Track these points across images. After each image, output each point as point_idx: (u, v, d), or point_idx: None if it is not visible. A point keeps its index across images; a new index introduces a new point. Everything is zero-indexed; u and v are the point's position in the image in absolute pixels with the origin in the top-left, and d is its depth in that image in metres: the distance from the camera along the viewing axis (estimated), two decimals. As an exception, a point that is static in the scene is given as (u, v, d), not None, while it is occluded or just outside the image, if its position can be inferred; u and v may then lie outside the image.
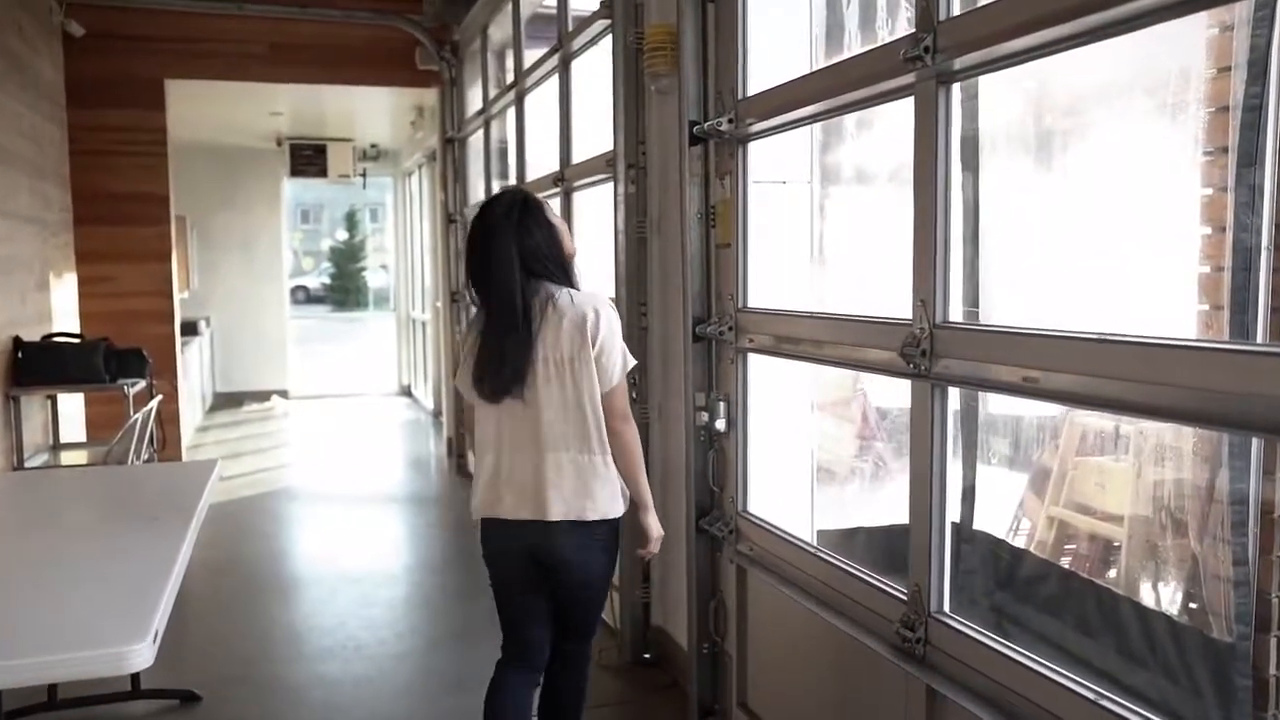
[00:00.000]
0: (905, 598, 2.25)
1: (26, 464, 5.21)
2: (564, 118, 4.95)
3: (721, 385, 3.19)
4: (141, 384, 5.60)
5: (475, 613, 4.70)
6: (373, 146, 11.96)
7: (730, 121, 3.00)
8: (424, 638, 4.46)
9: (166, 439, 5.89)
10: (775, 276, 3.13)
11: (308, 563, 5.60)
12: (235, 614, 4.75)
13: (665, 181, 3.70)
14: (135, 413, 5.05)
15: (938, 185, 2.09)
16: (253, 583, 5.16)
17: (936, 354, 2.11)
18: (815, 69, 2.84)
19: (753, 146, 3.03)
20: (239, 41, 7.68)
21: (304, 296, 32.31)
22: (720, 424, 3.14)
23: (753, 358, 3.07)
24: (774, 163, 3.12)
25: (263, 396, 11.75)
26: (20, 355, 5.15)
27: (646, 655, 3.97)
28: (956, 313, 2.11)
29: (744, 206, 3.04)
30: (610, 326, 2.51)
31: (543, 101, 5.73)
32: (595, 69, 5.10)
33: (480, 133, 7.04)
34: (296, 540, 6.05)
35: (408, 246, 12.51)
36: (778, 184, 3.16)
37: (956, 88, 2.09)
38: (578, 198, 4.95)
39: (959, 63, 2.04)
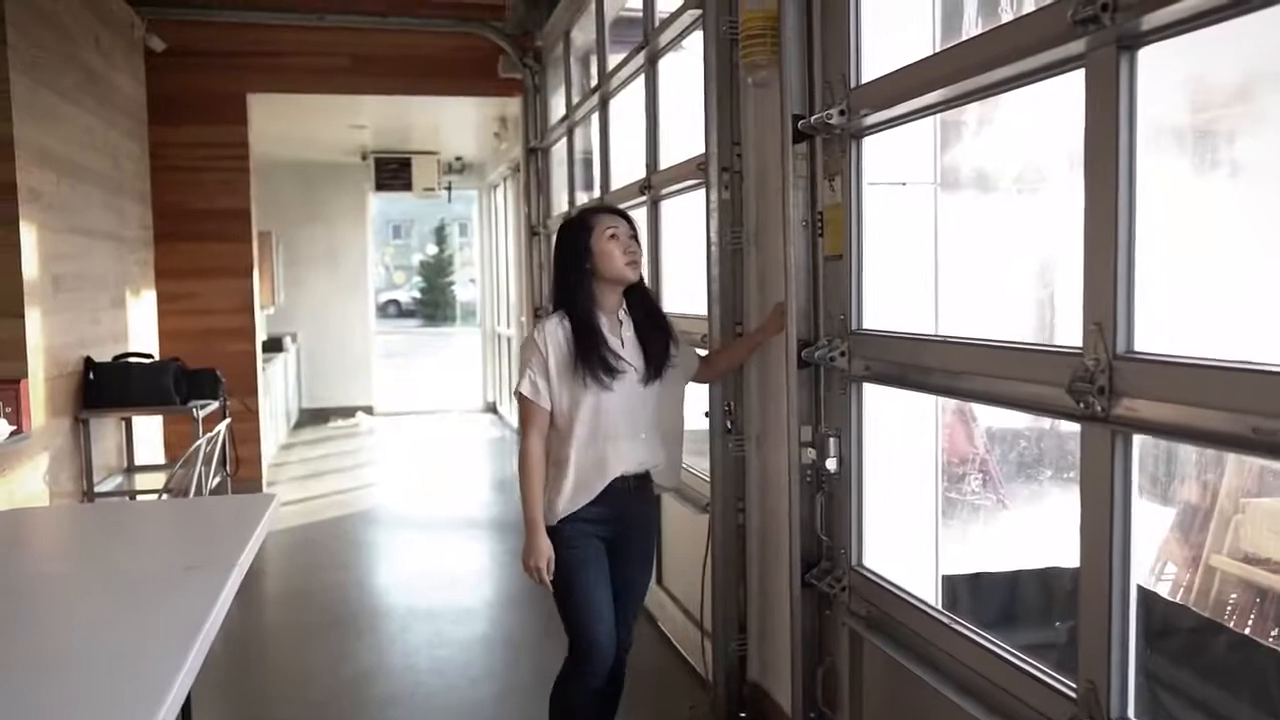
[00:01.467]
0: (1075, 696, 1.81)
1: (97, 488, 5.04)
2: (650, 120, 4.59)
3: (832, 418, 2.77)
4: (214, 405, 5.40)
5: (556, 656, 4.34)
6: (457, 159, 11.80)
7: (841, 113, 2.59)
8: (499, 684, 4.11)
9: (240, 461, 5.69)
10: (894, 293, 2.70)
11: (380, 594, 5.32)
12: (300, 651, 4.48)
13: (764, 186, 3.30)
14: (205, 435, 4.85)
15: (1119, 178, 1.66)
16: (321, 616, 4.89)
17: (1117, 392, 1.67)
18: (951, 44, 2.41)
19: (868, 142, 2.62)
20: (321, 54, 7.53)
21: (395, 311, 32.73)
22: (831, 463, 2.72)
23: (869, 388, 2.64)
24: (890, 162, 2.70)
25: (348, 413, 11.66)
26: (91, 376, 4.98)
27: (743, 715, 3.56)
28: (1146, 340, 1.66)
29: (858, 212, 2.63)
30: (520, 350, 2.86)
31: (628, 106, 5.39)
32: (684, 68, 4.74)
33: (563, 141, 6.73)
34: (370, 569, 5.80)
35: (493, 260, 12.32)
36: (896, 186, 2.74)
37: (1142, 55, 1.65)
38: (666, 206, 4.58)
39: (1148, 21, 1.61)
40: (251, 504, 3.31)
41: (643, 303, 2.82)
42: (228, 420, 4.98)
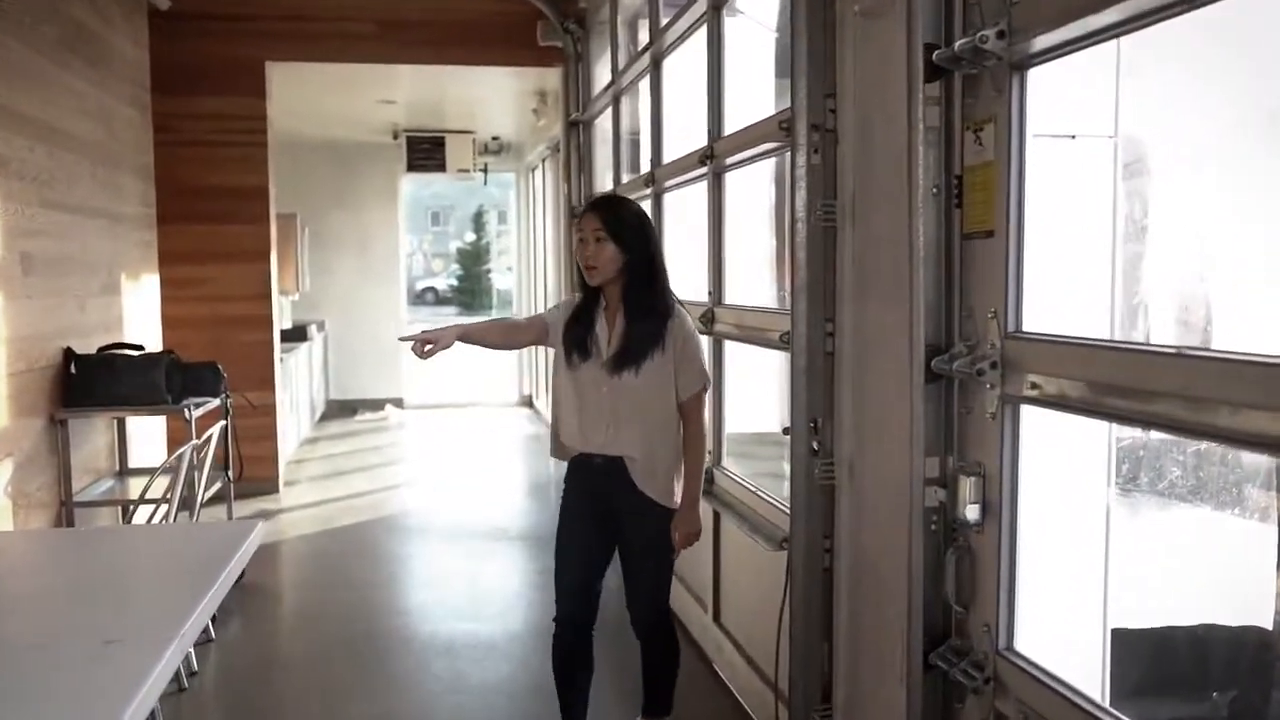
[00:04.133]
0: None
1: (80, 495, 4.45)
2: (713, 78, 3.90)
3: (969, 449, 2.08)
4: (214, 402, 4.80)
5: (596, 703, 3.69)
6: (494, 139, 11.17)
7: (1000, 35, 1.89)
8: (527, 745, 3.47)
9: (246, 461, 5.09)
10: (1059, 284, 2.01)
11: (395, 620, 4.68)
12: (295, 691, 3.88)
13: (866, 147, 2.61)
14: (199, 438, 4.24)
15: None
16: (325, 646, 4.28)
17: None
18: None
19: (1035, 76, 1.92)
20: (344, 20, 6.92)
21: (433, 298, 32.48)
22: (970, 511, 2.03)
23: (1031, 412, 1.95)
24: (1052, 107, 2.00)
25: (376, 405, 11.09)
26: (73, 370, 4.39)
27: (826, 804, 2.88)
28: None
29: (1019, 171, 1.93)
30: None
31: (684, 68, 4.72)
32: (746, 25, 4.07)
33: (609, 112, 6.06)
34: (385, 588, 5.16)
35: (530, 246, 11.68)
36: (1062, 140, 2.04)
37: None
38: (730, 179, 3.90)
39: None
40: (224, 536, 2.67)
41: (639, 301, 2.88)
42: (224, 422, 4.36)
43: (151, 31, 6.04)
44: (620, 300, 2.88)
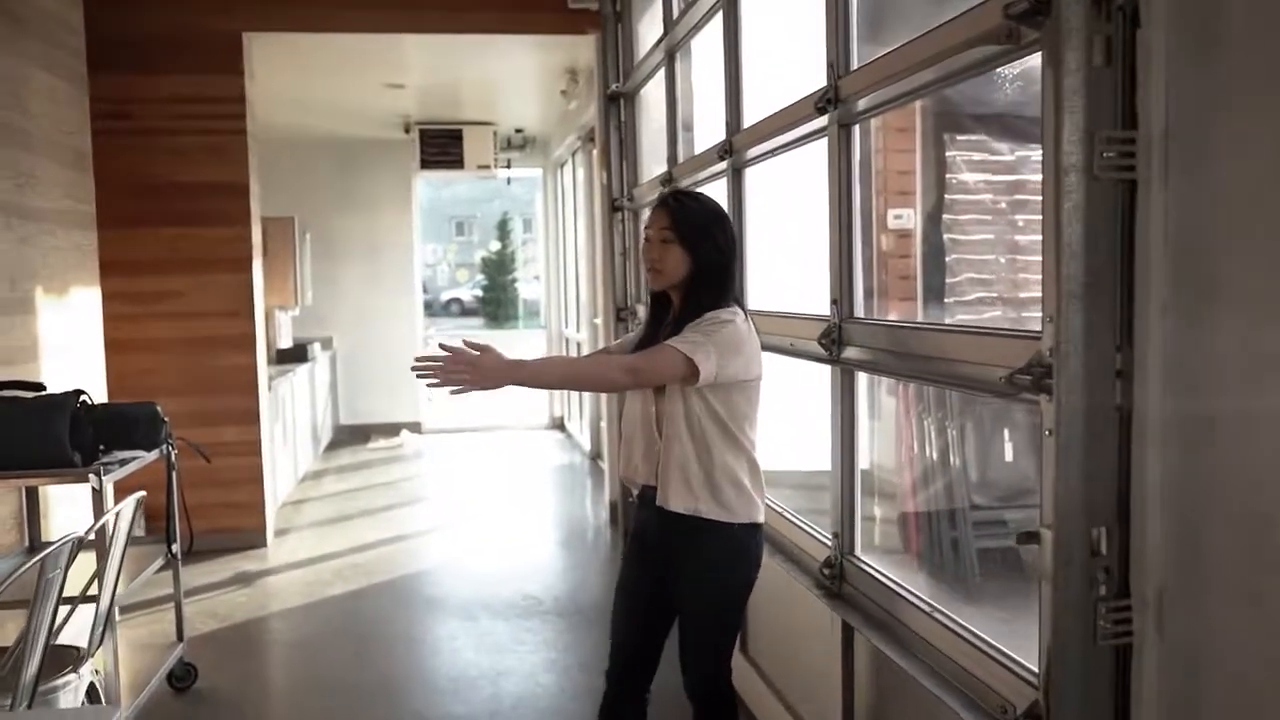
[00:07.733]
0: None
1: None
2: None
3: None
4: (149, 457, 3.61)
5: None
6: (517, 131, 9.98)
7: None
8: None
9: (194, 532, 3.89)
10: None
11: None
12: None
13: (1209, 28, 1.37)
14: (114, 509, 3.05)
15: None
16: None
17: None
18: None
19: None
20: (337, -19, 5.76)
21: (458, 309, 31.45)
22: None
23: None
24: None
25: (391, 431, 9.91)
26: (-52, 420, 3.20)
27: None
28: None
29: None
30: None
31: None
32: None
33: (659, 77, 4.84)
34: (383, 697, 3.88)
35: (559, 251, 10.47)
36: None
37: None
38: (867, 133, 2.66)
39: None
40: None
41: (696, 312, 2.46)
42: (141, 493, 3.15)
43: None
44: (681, 309, 2.52)
